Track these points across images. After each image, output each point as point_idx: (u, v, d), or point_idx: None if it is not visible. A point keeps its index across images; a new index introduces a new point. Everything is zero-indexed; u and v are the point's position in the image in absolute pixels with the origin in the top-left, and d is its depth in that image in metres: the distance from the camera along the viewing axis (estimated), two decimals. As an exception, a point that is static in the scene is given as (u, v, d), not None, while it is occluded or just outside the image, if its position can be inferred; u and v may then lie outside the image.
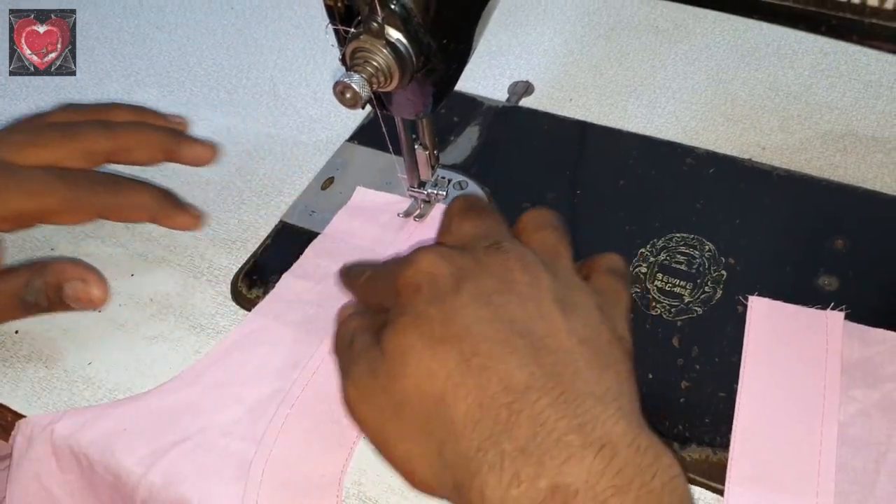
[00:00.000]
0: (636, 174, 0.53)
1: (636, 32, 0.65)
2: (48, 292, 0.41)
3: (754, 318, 0.44)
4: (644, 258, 0.48)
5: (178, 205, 0.48)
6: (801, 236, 0.48)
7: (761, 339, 0.43)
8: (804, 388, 0.41)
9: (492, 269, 0.34)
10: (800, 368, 0.42)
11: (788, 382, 0.41)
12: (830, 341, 0.43)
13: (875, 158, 0.53)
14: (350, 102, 0.36)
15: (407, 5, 0.36)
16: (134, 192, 0.45)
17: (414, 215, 0.50)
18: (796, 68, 0.60)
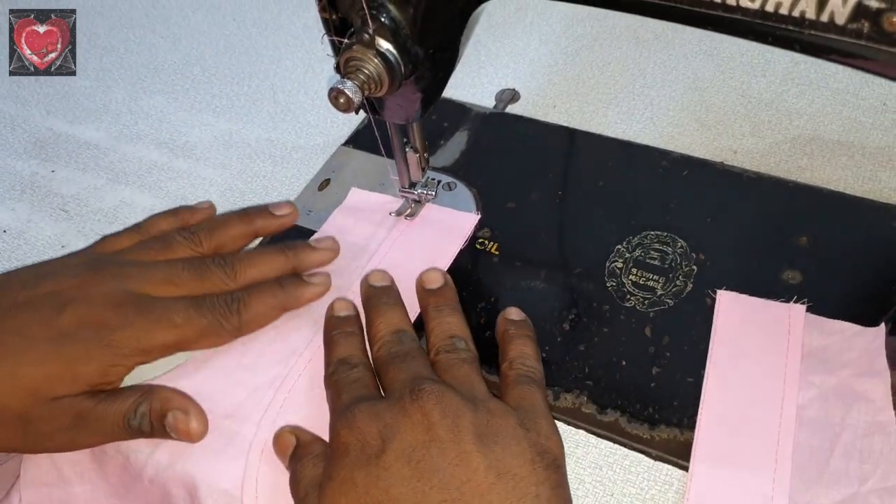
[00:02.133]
0: (614, 176, 0.56)
1: (618, 43, 0.68)
2: (152, 418, 0.42)
3: (721, 309, 0.47)
4: (620, 254, 0.51)
5: (301, 283, 0.47)
6: (768, 234, 0.51)
7: (728, 330, 0.46)
8: (766, 375, 0.44)
9: (414, 419, 0.37)
10: (762, 356, 0.45)
11: (752, 369, 0.44)
12: (792, 331, 0.45)
13: (839, 161, 0.56)
14: (343, 107, 0.40)
15: (396, 18, 0.40)
16: (260, 302, 0.46)
17: (405, 214, 0.53)
18: (768, 77, 0.63)
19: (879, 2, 0.30)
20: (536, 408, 0.40)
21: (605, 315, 0.48)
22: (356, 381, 0.41)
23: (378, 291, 0.46)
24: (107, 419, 0.41)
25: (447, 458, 0.36)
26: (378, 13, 0.39)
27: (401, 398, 0.38)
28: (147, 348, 0.43)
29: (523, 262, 0.51)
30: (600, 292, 0.49)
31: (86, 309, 0.42)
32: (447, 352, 0.43)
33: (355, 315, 0.46)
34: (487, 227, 0.53)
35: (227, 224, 0.50)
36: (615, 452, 0.43)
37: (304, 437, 0.41)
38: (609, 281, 0.50)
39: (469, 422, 0.37)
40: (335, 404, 0.41)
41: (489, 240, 0.53)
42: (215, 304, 0.44)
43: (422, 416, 0.37)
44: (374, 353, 0.43)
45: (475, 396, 0.39)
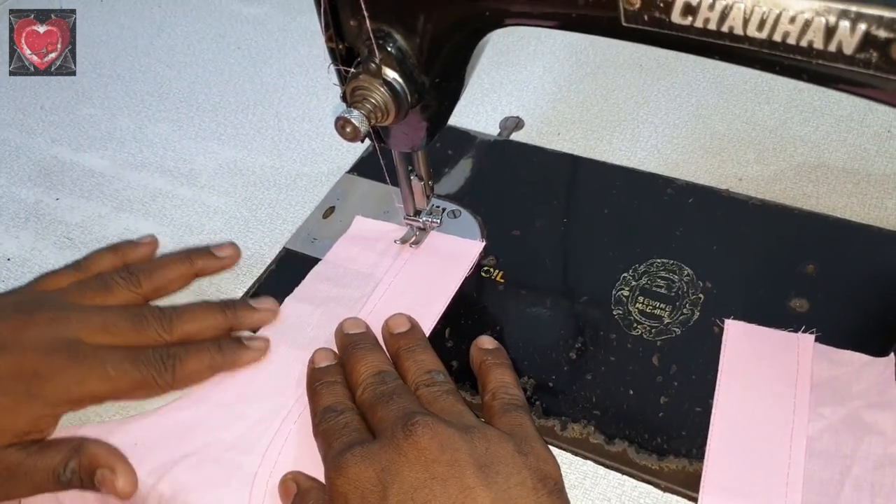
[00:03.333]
0: (620, 203, 0.56)
1: (621, 70, 0.68)
2: (82, 474, 0.41)
3: (730, 339, 0.47)
4: (626, 282, 0.51)
5: (239, 347, 0.47)
6: (775, 261, 0.51)
7: (736, 359, 0.46)
8: (775, 405, 0.43)
9: (410, 457, 0.37)
10: (772, 386, 0.44)
11: (761, 399, 0.44)
12: (801, 361, 0.45)
13: (845, 188, 0.56)
14: (350, 136, 0.40)
15: (402, 48, 0.40)
16: (197, 360, 0.45)
17: (410, 242, 0.53)
18: (772, 104, 0.63)
19: (888, 32, 0.30)
20: (528, 433, 0.40)
21: (612, 344, 0.48)
22: (345, 427, 0.41)
23: (354, 338, 0.46)
24: (36, 473, 0.41)
25: (451, 496, 0.35)
26: (384, 43, 0.39)
27: (393, 436, 0.38)
28: (77, 398, 0.43)
29: (529, 290, 0.51)
30: (607, 321, 0.49)
31: (16, 357, 0.42)
32: (427, 385, 0.42)
33: (336, 364, 0.46)
34: (492, 255, 0.53)
35: (168, 266, 0.50)
36: (623, 484, 0.42)
37: (303, 485, 0.41)
38: (616, 309, 0.49)
39: (467, 454, 0.37)
40: (326, 453, 0.40)
41: (494, 268, 0.53)
42: (150, 359, 0.44)
43: (418, 453, 0.37)
44: (358, 398, 0.43)
45: (467, 425, 0.39)
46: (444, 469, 0.36)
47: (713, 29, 0.33)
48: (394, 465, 0.37)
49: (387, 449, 0.37)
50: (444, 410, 0.40)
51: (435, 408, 0.41)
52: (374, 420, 0.41)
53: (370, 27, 0.39)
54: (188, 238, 0.58)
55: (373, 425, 0.41)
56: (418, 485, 0.36)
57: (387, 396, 0.41)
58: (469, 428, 0.39)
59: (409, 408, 0.40)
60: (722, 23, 0.33)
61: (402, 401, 0.41)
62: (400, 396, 0.41)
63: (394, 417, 0.39)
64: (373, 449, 0.38)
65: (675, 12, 0.33)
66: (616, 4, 0.34)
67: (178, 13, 0.82)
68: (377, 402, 0.41)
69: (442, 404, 0.41)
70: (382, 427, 0.39)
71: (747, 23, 0.32)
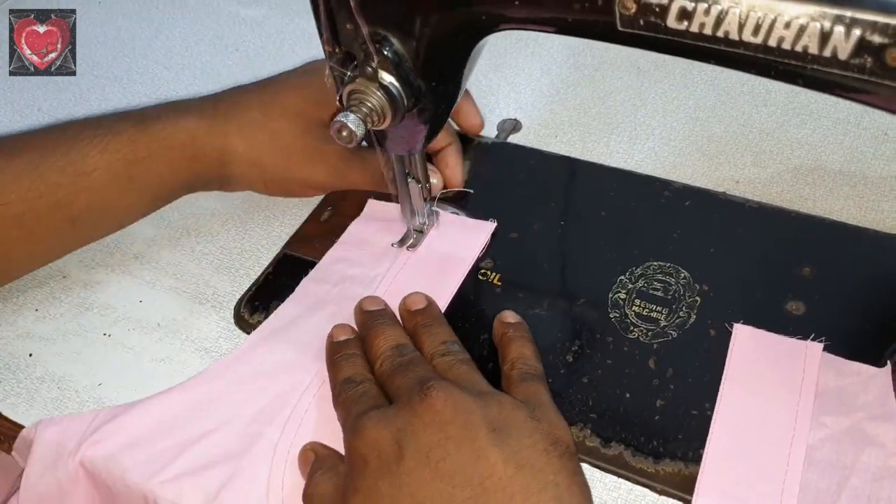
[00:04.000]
0: (617, 206, 0.56)
1: (618, 73, 0.68)
2: None
3: (737, 343, 0.47)
4: (623, 285, 0.51)
5: None
6: (771, 264, 0.51)
7: (741, 364, 0.46)
8: (778, 412, 0.43)
9: (426, 419, 0.38)
10: (775, 392, 0.44)
11: (763, 405, 0.44)
12: (807, 369, 0.45)
13: (842, 191, 0.56)
14: (346, 140, 0.40)
15: (399, 52, 0.40)
16: None
17: (407, 245, 0.53)
18: (769, 107, 0.63)
19: (882, 37, 0.30)
20: (543, 401, 0.41)
21: (608, 347, 0.48)
22: (363, 395, 0.42)
23: (373, 314, 0.48)
24: None
25: (464, 456, 0.37)
26: (381, 46, 0.39)
27: (409, 400, 0.39)
28: None
29: (526, 293, 0.51)
30: (603, 323, 0.49)
31: None
32: (443, 355, 0.44)
33: (355, 339, 0.47)
34: (490, 257, 0.53)
35: None
36: (619, 487, 0.42)
37: (320, 452, 0.42)
38: (612, 312, 0.49)
39: (480, 417, 0.38)
40: (346, 420, 0.41)
41: (491, 270, 0.53)
42: None
43: (433, 415, 0.38)
44: (377, 370, 0.44)
45: (481, 391, 0.40)
46: (457, 430, 0.37)
47: (708, 34, 0.33)
48: (410, 427, 0.38)
49: (403, 412, 0.39)
50: (459, 377, 0.42)
51: (450, 376, 0.42)
52: (392, 388, 0.42)
53: (367, 31, 0.39)
54: (185, 240, 0.58)
55: (391, 393, 0.42)
56: (433, 445, 0.37)
57: (404, 366, 0.43)
58: (483, 393, 0.40)
59: (425, 375, 0.41)
60: (717, 28, 0.33)
61: (418, 369, 0.42)
62: (417, 365, 0.43)
63: (410, 384, 0.40)
64: (389, 413, 0.39)
65: (670, 17, 0.33)
66: (612, 9, 0.34)
67: (176, 15, 0.82)
68: (395, 371, 0.43)
69: (457, 372, 0.42)
70: (399, 393, 0.41)
71: (742, 28, 0.32)
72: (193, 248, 0.57)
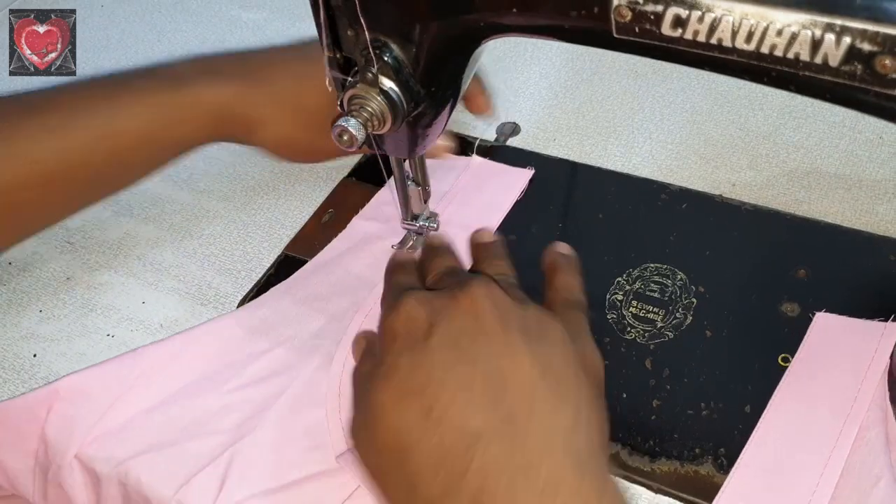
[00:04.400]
0: (614, 209, 0.57)
1: (616, 77, 0.69)
2: None
3: (815, 331, 0.47)
4: (620, 286, 0.51)
5: None
6: (767, 266, 0.52)
7: (810, 355, 0.46)
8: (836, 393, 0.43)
9: (464, 307, 0.37)
10: (838, 379, 0.44)
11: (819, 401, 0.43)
12: (880, 349, 0.44)
13: (837, 194, 0.57)
14: (347, 144, 0.40)
15: (399, 58, 0.40)
16: None
17: (407, 247, 0.54)
18: (765, 111, 0.64)
19: (872, 45, 0.30)
20: (582, 331, 0.40)
21: (605, 347, 0.48)
22: (409, 285, 0.42)
23: (435, 243, 0.47)
24: None
25: (493, 348, 0.36)
26: (381, 53, 0.40)
27: (451, 290, 0.39)
28: None
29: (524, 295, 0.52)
30: (601, 324, 0.49)
31: None
32: (498, 274, 0.43)
33: (414, 260, 0.47)
34: (489, 259, 0.54)
35: None
36: (616, 486, 0.43)
37: (370, 338, 0.42)
38: (609, 313, 0.50)
39: (517, 317, 0.37)
40: (386, 300, 0.42)
41: (490, 272, 0.53)
42: None
43: (470, 303, 0.37)
44: (428, 281, 0.43)
45: (524, 300, 0.39)
46: (492, 324, 0.37)
47: (702, 41, 0.34)
48: (445, 310, 0.37)
49: (442, 296, 0.38)
50: (507, 291, 0.40)
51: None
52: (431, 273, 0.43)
53: (367, 37, 0.40)
54: (187, 242, 0.59)
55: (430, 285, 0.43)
56: (464, 331, 0.37)
57: (454, 276, 0.42)
58: (527, 305, 0.39)
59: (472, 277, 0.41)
60: (711, 35, 0.34)
61: (467, 275, 0.42)
62: (466, 275, 0.42)
63: (456, 281, 0.40)
64: (429, 295, 0.39)
65: (665, 25, 0.34)
66: (608, 17, 0.35)
67: (178, 18, 0.83)
68: (444, 279, 0.42)
69: (506, 287, 0.41)
70: (444, 287, 0.41)
71: (735, 35, 0.33)
72: (196, 250, 0.58)
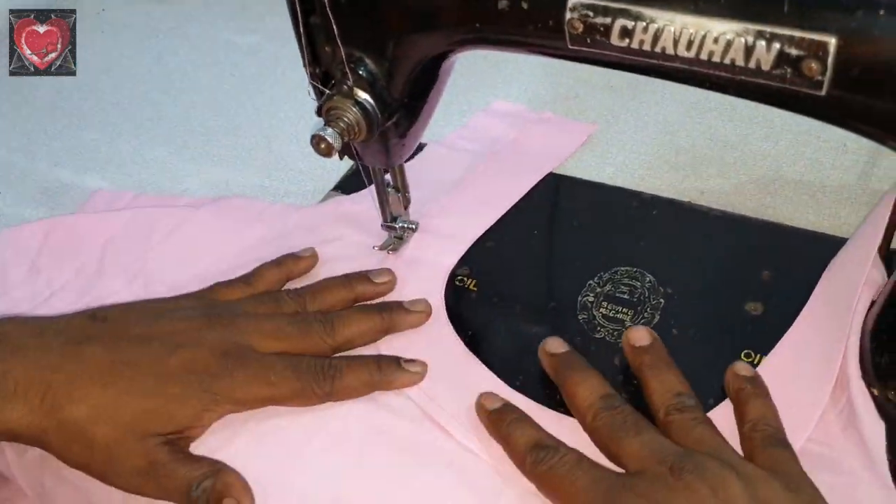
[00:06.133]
0: (588, 216, 0.59)
1: (593, 92, 0.72)
2: (211, 497, 0.40)
3: None
4: (591, 289, 0.54)
5: (397, 369, 0.47)
6: (732, 268, 0.54)
7: None
8: None
9: (681, 497, 0.35)
10: None
11: None
12: None
13: (801, 199, 0.59)
14: (324, 152, 0.43)
15: (373, 71, 0.43)
16: (354, 376, 0.46)
17: (388, 249, 0.56)
18: (734, 122, 0.67)
19: (798, 49, 0.33)
20: (795, 471, 0.38)
21: (576, 346, 0.50)
22: (579, 462, 0.39)
23: (564, 358, 0.46)
24: (172, 479, 0.41)
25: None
26: (356, 66, 0.43)
27: (658, 476, 0.37)
28: (241, 399, 0.44)
29: (500, 298, 0.54)
30: (572, 325, 0.52)
31: (194, 354, 0.44)
32: (679, 411, 0.41)
33: (509, 403, 0.45)
34: (467, 265, 0.56)
35: (330, 290, 0.51)
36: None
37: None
38: (581, 314, 0.52)
39: (740, 493, 0.35)
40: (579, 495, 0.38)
41: (468, 277, 0.56)
42: (311, 368, 0.45)
43: (690, 494, 0.35)
44: (589, 424, 0.42)
45: (730, 461, 0.38)
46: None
47: (648, 49, 0.37)
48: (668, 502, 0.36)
49: (657, 487, 0.36)
50: (700, 443, 0.39)
51: (689, 440, 0.39)
52: (620, 452, 0.40)
53: (343, 53, 0.42)
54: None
55: (618, 457, 0.40)
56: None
57: (629, 426, 0.40)
58: (735, 465, 0.37)
59: (665, 444, 0.39)
60: (655, 44, 0.36)
61: (648, 435, 0.39)
62: (641, 428, 0.40)
63: (651, 455, 0.38)
64: (640, 486, 0.37)
65: (613, 35, 0.37)
66: (562, 29, 0.38)
67: (175, 42, 0.86)
68: (618, 432, 0.40)
69: (697, 436, 0.39)
70: (637, 465, 0.38)
71: (677, 43, 0.36)
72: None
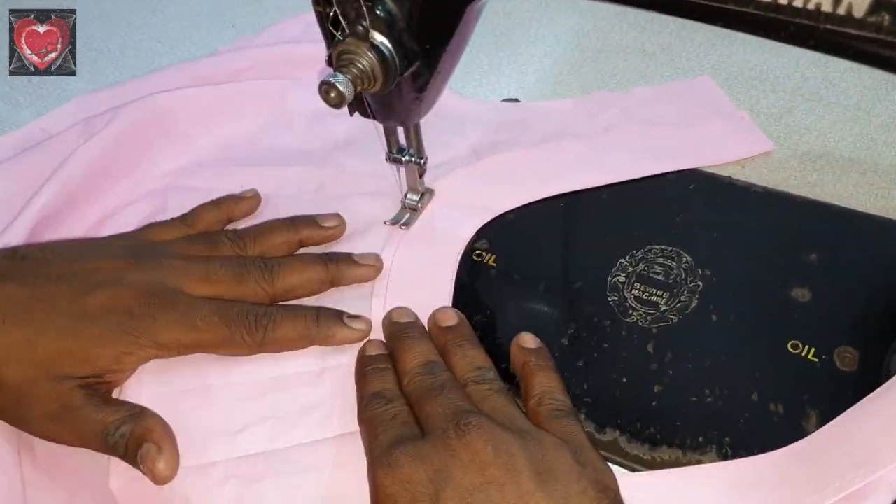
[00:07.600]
0: (618, 188, 0.54)
1: (624, 55, 0.66)
2: (129, 441, 0.39)
3: None
4: (623, 268, 0.49)
5: (336, 322, 0.44)
6: (776, 250, 0.49)
7: None
8: None
9: (464, 458, 0.35)
10: None
11: None
12: None
13: (850, 178, 0.54)
14: (334, 102, 0.38)
15: (392, 11, 0.38)
16: (291, 326, 0.43)
17: (401, 223, 0.51)
18: (777, 92, 0.62)
19: (901, -7, 0.28)
20: (582, 442, 0.38)
21: (605, 331, 0.46)
22: (394, 419, 0.39)
23: (402, 327, 0.44)
24: (88, 424, 0.39)
25: (508, 501, 0.34)
26: (373, 5, 0.38)
27: (445, 435, 0.36)
28: (164, 343, 0.42)
29: (521, 275, 0.49)
30: (601, 307, 0.47)
31: (114, 293, 0.41)
32: (477, 382, 0.41)
33: (386, 355, 0.44)
34: (485, 238, 0.52)
35: (273, 230, 0.49)
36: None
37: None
38: (611, 296, 0.48)
39: (524, 458, 0.35)
40: (371, 444, 0.38)
41: (487, 251, 0.51)
42: (241, 317, 0.42)
43: (472, 454, 0.35)
44: (405, 387, 0.41)
45: (521, 429, 0.37)
46: (500, 473, 0.35)
47: (717, -9, 0.32)
48: (446, 467, 0.35)
49: (439, 448, 0.36)
50: (495, 411, 0.39)
51: (485, 407, 0.39)
52: (422, 414, 0.39)
53: (359, -11, 0.37)
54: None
55: (420, 419, 0.39)
56: (473, 488, 0.34)
57: (436, 390, 0.40)
58: (523, 432, 0.37)
59: (460, 406, 0.38)
60: (727, -17, 0.31)
61: (452, 396, 0.39)
62: (450, 391, 0.39)
63: (444, 414, 0.38)
64: (424, 448, 0.36)
65: (677, -28, 0.32)
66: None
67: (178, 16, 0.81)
68: (426, 394, 0.40)
69: (493, 404, 0.39)
70: (432, 424, 0.38)
71: (753, -16, 0.31)
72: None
